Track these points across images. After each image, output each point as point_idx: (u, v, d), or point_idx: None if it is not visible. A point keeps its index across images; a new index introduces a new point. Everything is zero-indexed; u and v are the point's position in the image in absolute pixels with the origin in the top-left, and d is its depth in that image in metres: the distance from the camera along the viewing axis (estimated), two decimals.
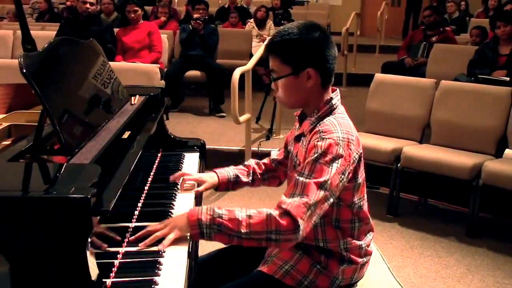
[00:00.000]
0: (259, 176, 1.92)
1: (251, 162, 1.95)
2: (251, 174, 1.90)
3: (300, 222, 1.41)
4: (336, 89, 1.65)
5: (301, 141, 1.63)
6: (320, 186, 1.45)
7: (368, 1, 12.91)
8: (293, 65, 1.56)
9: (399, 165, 3.71)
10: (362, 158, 1.59)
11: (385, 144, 3.78)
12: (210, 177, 1.87)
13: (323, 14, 10.59)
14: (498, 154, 3.65)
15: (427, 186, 4.08)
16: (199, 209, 1.47)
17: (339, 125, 1.54)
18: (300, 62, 1.56)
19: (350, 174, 1.53)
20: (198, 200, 1.93)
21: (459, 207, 3.94)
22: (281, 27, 1.63)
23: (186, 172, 1.94)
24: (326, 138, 1.49)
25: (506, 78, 4.49)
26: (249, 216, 1.44)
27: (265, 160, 1.95)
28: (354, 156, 1.53)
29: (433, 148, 3.79)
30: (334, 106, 1.60)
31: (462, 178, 3.47)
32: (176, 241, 1.46)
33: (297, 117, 1.73)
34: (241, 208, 1.47)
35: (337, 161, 1.47)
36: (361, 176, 1.61)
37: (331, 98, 1.60)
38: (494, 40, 5.00)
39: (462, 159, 3.51)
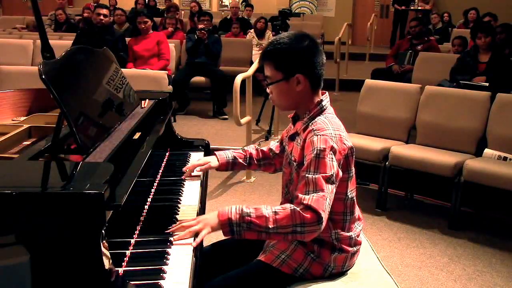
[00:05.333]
0: (255, 162, 1.96)
1: (251, 148, 2.00)
2: (247, 159, 1.95)
3: (322, 214, 1.43)
4: (326, 92, 1.67)
5: (296, 140, 1.65)
6: (328, 179, 1.47)
7: (359, 13, 12.91)
8: (283, 72, 1.59)
9: (387, 163, 3.70)
10: (353, 152, 1.61)
11: (375, 144, 3.78)
12: (212, 159, 1.93)
13: (318, 25, 10.55)
14: (478, 153, 3.65)
15: (413, 183, 4.07)
16: (228, 209, 1.48)
17: (330, 123, 1.57)
18: (290, 69, 1.58)
19: (343, 167, 1.55)
20: (204, 187, 1.96)
21: (442, 202, 3.93)
22: (275, 36, 1.66)
23: (195, 163, 1.96)
24: (321, 135, 1.52)
25: (485, 83, 4.49)
26: (275, 212, 1.45)
27: (264, 148, 1.99)
28: (348, 150, 1.56)
29: (418, 148, 3.79)
30: (324, 107, 1.63)
31: (445, 175, 3.47)
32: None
33: (291, 119, 1.75)
34: (266, 206, 1.48)
35: (334, 155, 1.50)
36: (352, 169, 1.63)
37: (321, 100, 1.63)
38: (474, 49, 4.99)
39: (445, 158, 3.51)
